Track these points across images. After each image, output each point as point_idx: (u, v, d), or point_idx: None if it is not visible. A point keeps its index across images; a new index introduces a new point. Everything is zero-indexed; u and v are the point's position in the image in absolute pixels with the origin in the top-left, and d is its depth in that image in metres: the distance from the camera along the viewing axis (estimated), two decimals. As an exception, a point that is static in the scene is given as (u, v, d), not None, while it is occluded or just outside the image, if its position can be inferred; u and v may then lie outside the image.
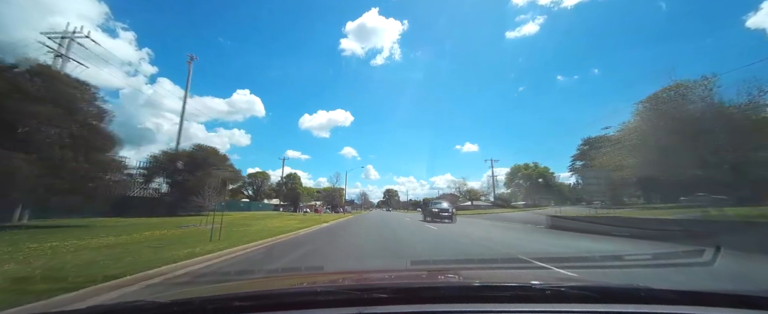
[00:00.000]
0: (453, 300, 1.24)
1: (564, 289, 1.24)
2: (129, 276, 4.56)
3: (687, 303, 1.16)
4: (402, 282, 1.88)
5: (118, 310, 1.21)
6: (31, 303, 3.30)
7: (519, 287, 1.35)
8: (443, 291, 1.34)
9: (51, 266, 5.28)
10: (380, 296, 1.25)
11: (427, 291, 1.41)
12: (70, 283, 3.95)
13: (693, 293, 1.20)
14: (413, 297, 1.29)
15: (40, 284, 4.11)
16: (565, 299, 1.21)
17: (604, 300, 1.19)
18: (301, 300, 1.31)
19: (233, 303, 1.24)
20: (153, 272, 5.00)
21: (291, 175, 71.47)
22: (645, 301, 1.18)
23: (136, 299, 1.23)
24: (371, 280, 2.10)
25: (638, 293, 1.21)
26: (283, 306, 1.24)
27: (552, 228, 15.53)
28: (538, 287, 1.34)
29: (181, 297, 1.36)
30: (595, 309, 1.14)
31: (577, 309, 1.15)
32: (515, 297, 1.23)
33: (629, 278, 5.02)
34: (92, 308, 1.23)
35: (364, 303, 1.20)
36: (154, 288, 4.47)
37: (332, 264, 6.35)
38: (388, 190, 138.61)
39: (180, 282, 4.93)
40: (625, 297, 1.22)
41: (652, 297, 1.20)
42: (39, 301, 3.37)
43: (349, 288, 1.38)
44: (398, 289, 1.39)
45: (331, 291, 1.36)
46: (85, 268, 5.08)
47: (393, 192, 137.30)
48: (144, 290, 4.30)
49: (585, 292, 1.23)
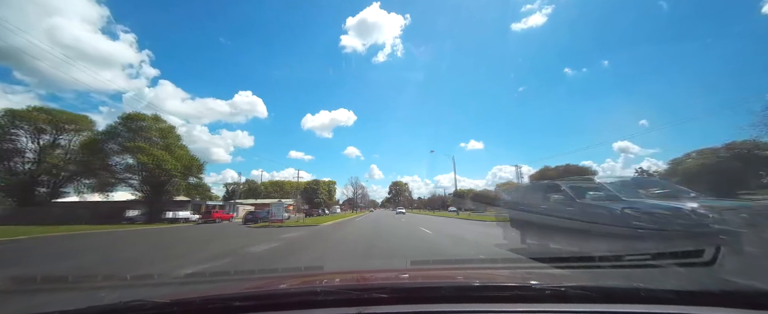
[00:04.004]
0: (453, 300, 1.23)
1: (564, 289, 1.24)
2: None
3: (687, 302, 1.15)
4: (402, 282, 1.88)
5: (118, 310, 1.21)
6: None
7: (519, 287, 1.35)
8: (443, 291, 1.34)
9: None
10: (380, 296, 1.25)
11: (427, 291, 1.41)
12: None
13: (693, 293, 1.20)
14: (413, 297, 1.29)
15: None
16: (565, 299, 1.21)
17: (604, 300, 1.19)
18: (301, 300, 1.31)
19: (233, 303, 1.24)
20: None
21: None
22: (645, 301, 1.17)
23: (136, 299, 1.24)
24: (371, 280, 2.09)
25: (638, 293, 1.21)
26: (283, 306, 1.24)
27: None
28: (538, 287, 1.34)
29: (181, 297, 1.36)
30: (595, 309, 1.13)
31: (577, 309, 1.15)
32: (515, 297, 1.23)
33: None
34: (92, 308, 1.23)
35: (364, 303, 1.20)
36: (155, 287, 4.46)
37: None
38: (395, 184, 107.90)
39: (180, 282, 4.93)
40: (625, 297, 1.21)
41: (652, 297, 1.19)
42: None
43: (349, 288, 1.38)
44: (398, 289, 1.39)
45: (331, 291, 1.35)
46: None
47: (402, 186, 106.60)
48: (145, 289, 4.29)
49: (585, 292, 1.23)
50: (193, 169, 34.96)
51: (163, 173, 31.24)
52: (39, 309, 3.22)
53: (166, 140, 33.89)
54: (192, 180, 36.40)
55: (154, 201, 33.01)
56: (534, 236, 7.43)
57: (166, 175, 32.02)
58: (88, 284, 4.73)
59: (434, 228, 15.33)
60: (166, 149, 32.70)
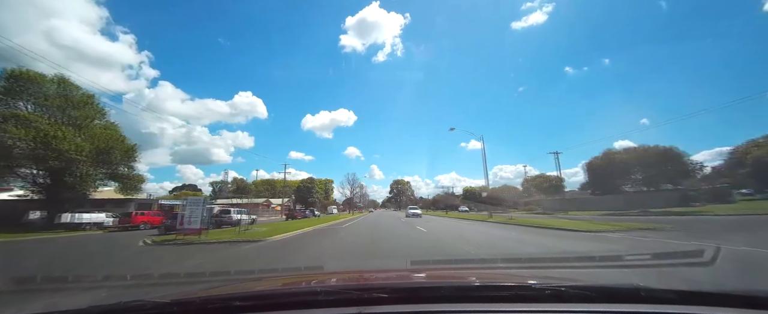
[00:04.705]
0: (453, 300, 1.23)
1: (564, 289, 1.24)
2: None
3: (687, 302, 1.16)
4: (402, 282, 1.87)
5: (118, 310, 1.21)
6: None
7: (519, 287, 1.35)
8: (443, 291, 1.34)
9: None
10: (380, 296, 1.25)
11: (427, 291, 1.42)
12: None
13: (693, 293, 1.20)
14: (413, 296, 1.29)
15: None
16: (565, 299, 1.21)
17: (604, 300, 1.19)
18: (301, 300, 1.31)
19: (233, 303, 1.24)
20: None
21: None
22: (645, 301, 1.18)
23: (136, 299, 1.24)
24: (371, 280, 2.10)
25: (638, 293, 1.21)
26: (283, 306, 1.24)
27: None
28: (538, 287, 1.34)
29: (181, 297, 1.36)
30: (595, 309, 1.14)
31: (577, 309, 1.15)
32: (515, 297, 1.23)
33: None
34: (92, 308, 1.23)
35: (364, 303, 1.20)
36: (155, 287, 4.46)
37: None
38: (397, 183, 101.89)
39: (180, 282, 4.93)
40: (625, 297, 1.22)
41: (652, 297, 1.19)
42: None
43: (349, 288, 1.38)
44: (398, 289, 1.39)
45: (331, 291, 1.35)
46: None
47: (403, 184, 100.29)
48: (147, 288, 4.29)
49: (585, 292, 1.23)
50: (115, 154, 24.76)
51: (54, 156, 20.95)
52: (39, 309, 3.23)
53: (77, 111, 24.03)
54: (123, 171, 26.54)
55: (54, 199, 23.34)
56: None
57: (61, 160, 21.29)
58: (89, 284, 4.73)
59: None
60: (74, 126, 23.36)
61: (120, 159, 25.63)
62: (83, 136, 23.06)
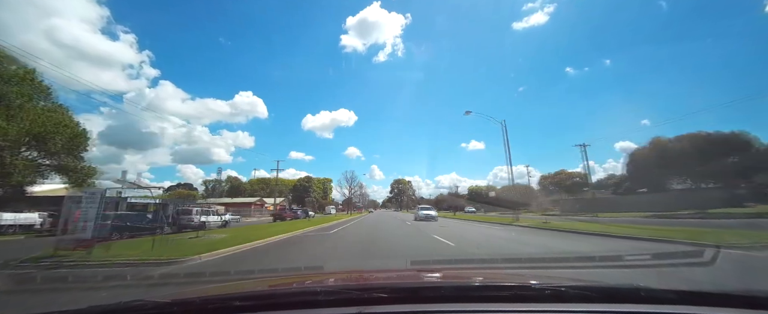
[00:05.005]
0: (453, 300, 1.23)
1: (564, 289, 1.24)
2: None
3: (687, 302, 1.15)
4: (402, 282, 1.87)
5: (118, 310, 1.21)
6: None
7: (519, 287, 1.35)
8: (443, 291, 1.34)
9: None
10: (380, 296, 1.25)
11: (427, 291, 1.42)
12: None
13: (693, 293, 1.20)
14: (413, 297, 1.29)
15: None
16: (565, 299, 1.21)
17: (604, 300, 1.19)
18: (301, 300, 1.31)
19: (233, 303, 1.24)
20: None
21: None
22: (645, 301, 1.17)
23: (136, 298, 1.24)
24: (371, 280, 2.10)
25: (638, 293, 1.21)
26: (283, 306, 1.24)
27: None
28: (538, 287, 1.34)
29: (181, 297, 1.36)
30: (595, 309, 1.13)
31: (577, 309, 1.14)
32: (515, 297, 1.23)
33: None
34: (92, 308, 1.23)
35: (364, 303, 1.20)
36: (155, 287, 4.47)
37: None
38: (398, 182, 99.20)
39: (181, 282, 4.93)
40: (625, 297, 1.22)
41: (652, 297, 1.19)
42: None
43: (349, 288, 1.38)
44: (398, 289, 1.39)
45: (331, 291, 1.35)
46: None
47: (404, 184, 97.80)
48: (147, 288, 4.30)
49: (585, 292, 1.23)
50: (55, 142, 19.80)
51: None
52: (43, 309, 3.24)
53: (7, 87, 18.60)
54: (69, 162, 20.98)
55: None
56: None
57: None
58: (89, 284, 4.74)
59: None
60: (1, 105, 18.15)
61: (61, 147, 20.43)
62: (14, 118, 18.00)
